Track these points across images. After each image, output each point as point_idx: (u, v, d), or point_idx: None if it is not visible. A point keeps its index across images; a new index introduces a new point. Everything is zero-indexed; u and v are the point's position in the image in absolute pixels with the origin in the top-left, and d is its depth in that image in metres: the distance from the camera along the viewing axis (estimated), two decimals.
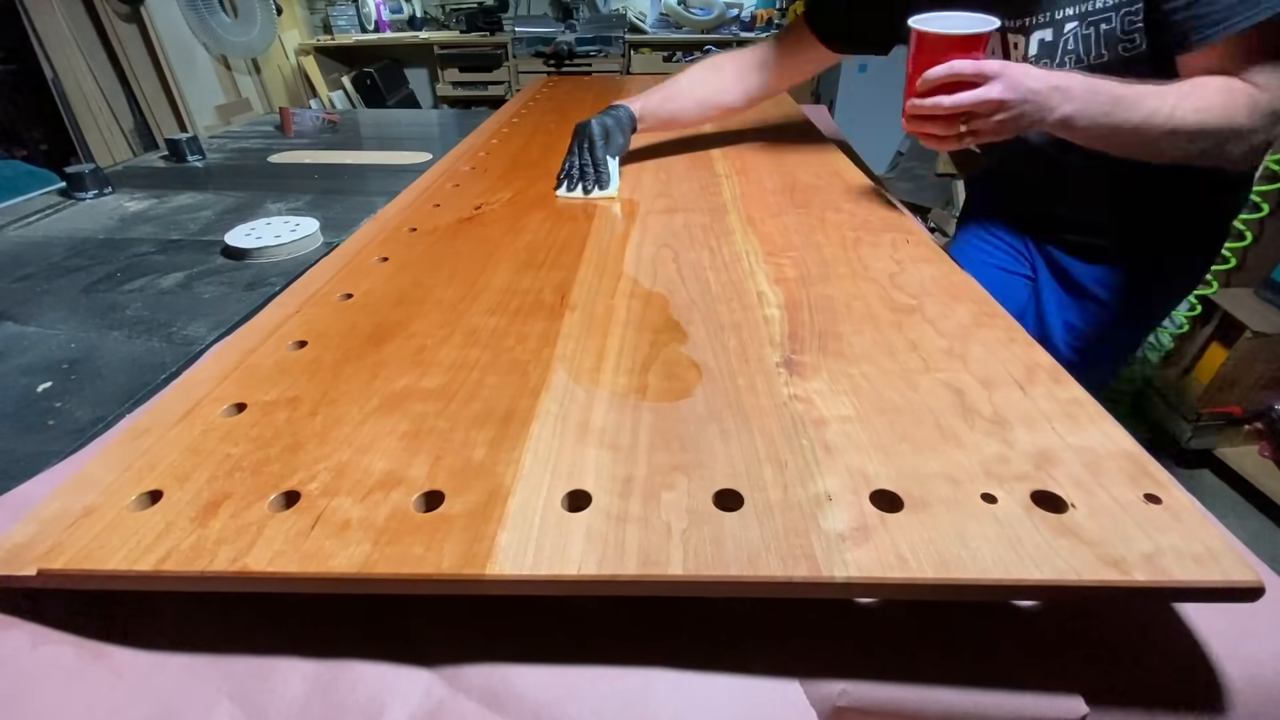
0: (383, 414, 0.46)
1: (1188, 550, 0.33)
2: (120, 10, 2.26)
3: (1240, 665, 0.36)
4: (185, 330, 0.69)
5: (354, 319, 0.59)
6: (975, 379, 0.48)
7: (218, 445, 0.43)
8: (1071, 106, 0.62)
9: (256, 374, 0.51)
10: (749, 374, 0.49)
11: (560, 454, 0.41)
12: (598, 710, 0.34)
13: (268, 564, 0.34)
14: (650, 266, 0.67)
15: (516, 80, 3.26)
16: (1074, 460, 0.39)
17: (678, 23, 3.31)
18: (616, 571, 0.33)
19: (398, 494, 0.38)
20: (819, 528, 0.35)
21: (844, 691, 0.35)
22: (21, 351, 0.65)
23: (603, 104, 0.98)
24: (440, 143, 1.46)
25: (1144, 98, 0.62)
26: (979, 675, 0.36)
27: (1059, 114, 0.63)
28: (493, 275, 0.66)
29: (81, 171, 1.07)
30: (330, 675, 0.36)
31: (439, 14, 3.52)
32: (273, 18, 2.81)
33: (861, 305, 0.58)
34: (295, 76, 3.16)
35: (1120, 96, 0.62)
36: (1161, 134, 0.62)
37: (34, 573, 0.35)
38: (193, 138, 1.33)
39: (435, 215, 0.82)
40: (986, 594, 0.33)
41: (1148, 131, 0.62)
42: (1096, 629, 0.38)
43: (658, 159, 1.04)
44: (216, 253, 0.87)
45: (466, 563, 0.34)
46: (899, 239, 0.72)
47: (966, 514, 0.36)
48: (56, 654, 0.37)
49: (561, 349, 0.53)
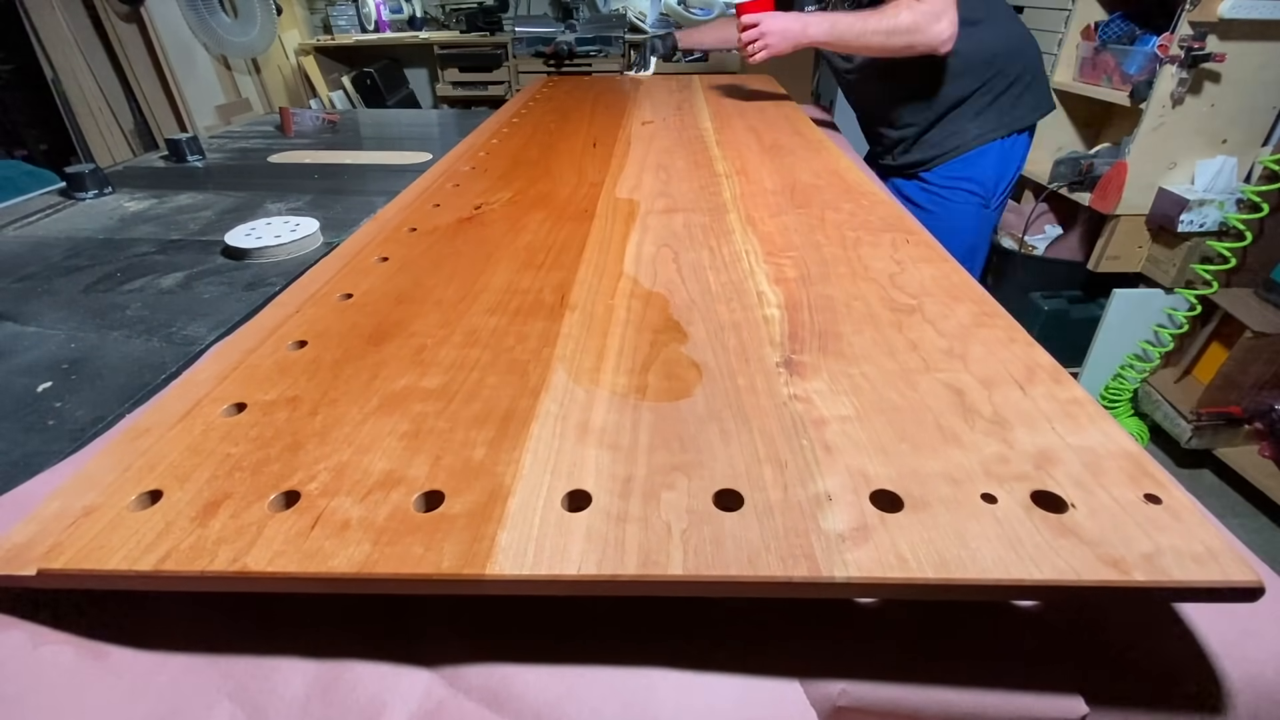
0: (383, 414, 0.46)
1: (1187, 550, 0.33)
2: (120, 10, 2.26)
3: (1240, 665, 0.36)
4: (185, 330, 0.69)
5: (354, 319, 0.59)
6: (975, 379, 0.48)
7: (218, 445, 0.43)
8: (812, 30, 1.20)
9: (256, 374, 0.51)
10: (749, 374, 0.49)
11: (560, 454, 0.41)
12: (598, 710, 0.34)
13: (268, 564, 0.34)
14: (650, 266, 0.67)
15: (516, 80, 3.25)
16: (1074, 460, 0.39)
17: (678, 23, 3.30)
18: (616, 571, 0.33)
19: (398, 494, 0.38)
20: (819, 528, 0.35)
21: (844, 691, 0.35)
22: (21, 351, 0.65)
23: (603, 104, 1.27)
24: (440, 143, 1.46)
25: (854, 18, 1.17)
26: (979, 675, 0.36)
27: (807, 35, 1.21)
28: (493, 275, 0.66)
29: (81, 171, 1.07)
30: (330, 675, 0.36)
31: (439, 14, 3.52)
32: (273, 18, 2.81)
33: (861, 305, 0.58)
34: (295, 76, 3.16)
35: (838, 19, 1.19)
36: (864, 34, 1.16)
37: (34, 573, 0.35)
38: (193, 138, 1.33)
39: (435, 215, 0.82)
40: (986, 594, 0.33)
41: (855, 33, 1.17)
42: (1096, 629, 0.38)
43: (658, 159, 1.04)
44: (216, 253, 0.87)
45: (466, 563, 0.34)
46: (899, 239, 0.72)
47: (966, 514, 0.36)
48: (56, 654, 0.37)
49: (561, 349, 0.53)
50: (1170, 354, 1.81)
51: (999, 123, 1.32)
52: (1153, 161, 1.72)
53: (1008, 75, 1.29)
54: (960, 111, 1.32)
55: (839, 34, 1.18)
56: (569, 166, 1.02)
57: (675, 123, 1.29)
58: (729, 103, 1.47)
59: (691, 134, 1.20)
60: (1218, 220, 1.67)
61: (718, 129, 1.23)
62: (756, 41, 1.23)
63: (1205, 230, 1.69)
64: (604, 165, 1.02)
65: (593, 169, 1.00)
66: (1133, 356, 1.88)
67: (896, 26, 1.12)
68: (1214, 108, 1.65)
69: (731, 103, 1.47)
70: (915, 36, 1.13)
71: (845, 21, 1.17)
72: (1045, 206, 2.13)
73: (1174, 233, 1.72)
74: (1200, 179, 1.71)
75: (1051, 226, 2.19)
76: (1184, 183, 1.75)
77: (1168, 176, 1.75)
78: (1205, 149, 1.71)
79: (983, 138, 1.33)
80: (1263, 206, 1.54)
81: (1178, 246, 1.75)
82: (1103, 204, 1.81)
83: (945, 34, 1.13)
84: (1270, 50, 1.58)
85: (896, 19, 1.12)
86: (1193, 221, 1.68)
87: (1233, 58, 1.57)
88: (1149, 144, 1.70)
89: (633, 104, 1.48)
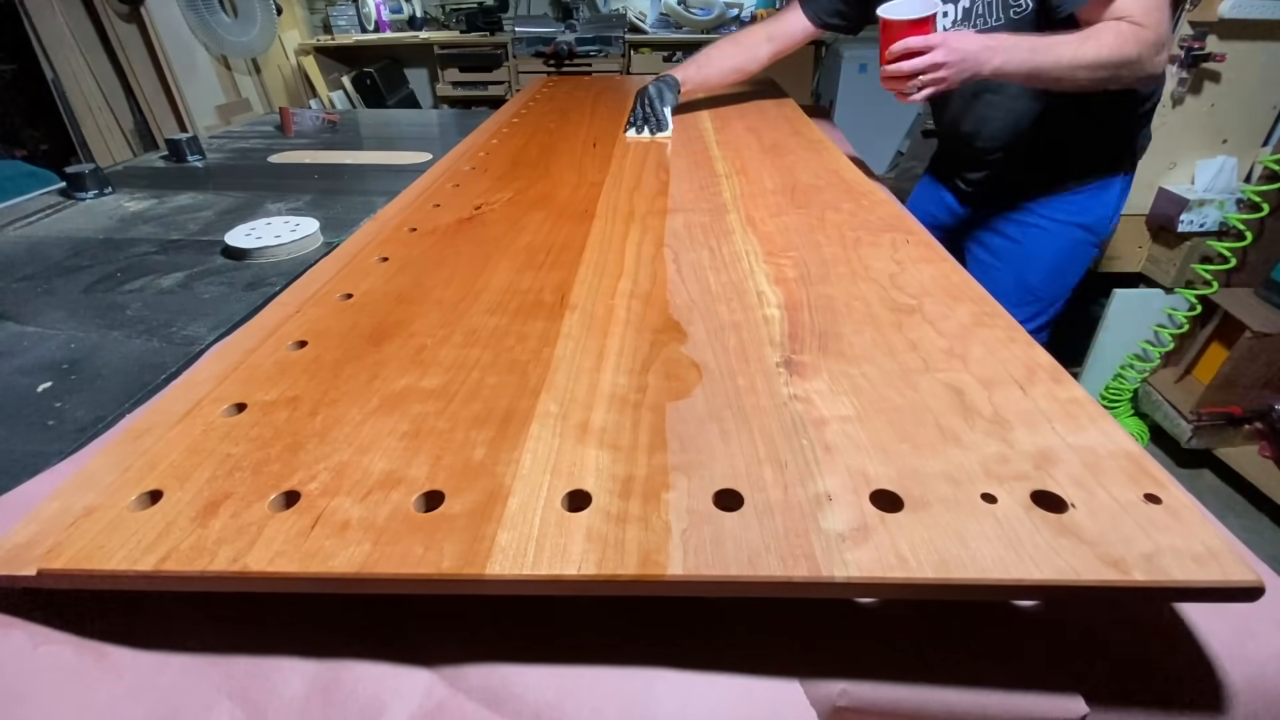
0: (383, 414, 0.46)
1: (1187, 550, 0.33)
2: (120, 10, 2.26)
3: (1240, 666, 0.36)
4: (185, 330, 0.69)
5: (354, 319, 0.59)
6: (975, 379, 0.48)
7: (218, 445, 0.43)
8: (1000, 58, 0.86)
9: (256, 374, 0.51)
10: (749, 374, 0.49)
11: (560, 454, 0.41)
12: (598, 710, 0.34)
13: (268, 564, 0.34)
14: (650, 266, 0.67)
15: (516, 80, 3.25)
16: (1074, 460, 0.39)
17: (678, 23, 3.30)
18: (616, 571, 0.33)
19: (398, 494, 0.38)
20: (819, 528, 0.35)
21: (844, 691, 0.35)
22: (21, 351, 0.65)
23: (603, 104, 1.18)
24: (440, 143, 1.46)
25: (1055, 44, 0.85)
26: (979, 675, 0.36)
27: (992, 65, 0.87)
28: (493, 275, 0.66)
29: (81, 171, 1.07)
30: (330, 675, 0.36)
31: (439, 14, 3.52)
32: (273, 18, 2.81)
33: (861, 305, 0.58)
34: (295, 76, 3.16)
35: (1036, 45, 0.86)
36: (1072, 68, 0.85)
37: (34, 573, 0.35)
38: (193, 138, 1.33)
39: (435, 215, 0.82)
40: (986, 594, 0.33)
41: (1061, 68, 0.86)
42: (1097, 629, 0.38)
43: (658, 159, 1.04)
44: (216, 253, 0.87)
45: (466, 563, 0.34)
46: (899, 239, 0.72)
47: (966, 514, 0.36)
48: (56, 654, 0.37)
49: (561, 349, 0.53)
50: (1170, 354, 1.80)
51: (1128, 152, 1.10)
52: (1153, 161, 1.72)
53: (1153, 101, 1.05)
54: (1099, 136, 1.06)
55: (1038, 67, 0.86)
56: (569, 166, 1.02)
57: (676, 123, 1.28)
58: (729, 103, 1.47)
59: (691, 134, 1.20)
60: (1218, 220, 1.67)
61: (718, 129, 1.23)
62: (930, 73, 0.87)
63: (1205, 230, 1.69)
64: (604, 165, 1.02)
65: (593, 169, 1.00)
66: (1133, 356, 1.88)
67: (1112, 59, 0.84)
68: (1214, 108, 1.65)
69: (732, 103, 1.47)
70: (1133, 70, 0.86)
71: (1048, 52, 0.85)
72: None
73: (1174, 233, 1.72)
74: (1200, 179, 1.71)
75: None
76: (1184, 183, 1.75)
77: (1168, 176, 1.75)
78: (1205, 149, 1.71)
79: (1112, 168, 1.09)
80: (1263, 206, 1.54)
81: (1178, 246, 1.75)
82: None
83: (1162, 67, 0.88)
84: (1270, 50, 1.58)
85: (1118, 50, 0.83)
86: (1193, 221, 1.68)
87: (1233, 58, 1.57)
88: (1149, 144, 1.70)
89: None
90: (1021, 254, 1.15)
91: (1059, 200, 1.11)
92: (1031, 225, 1.14)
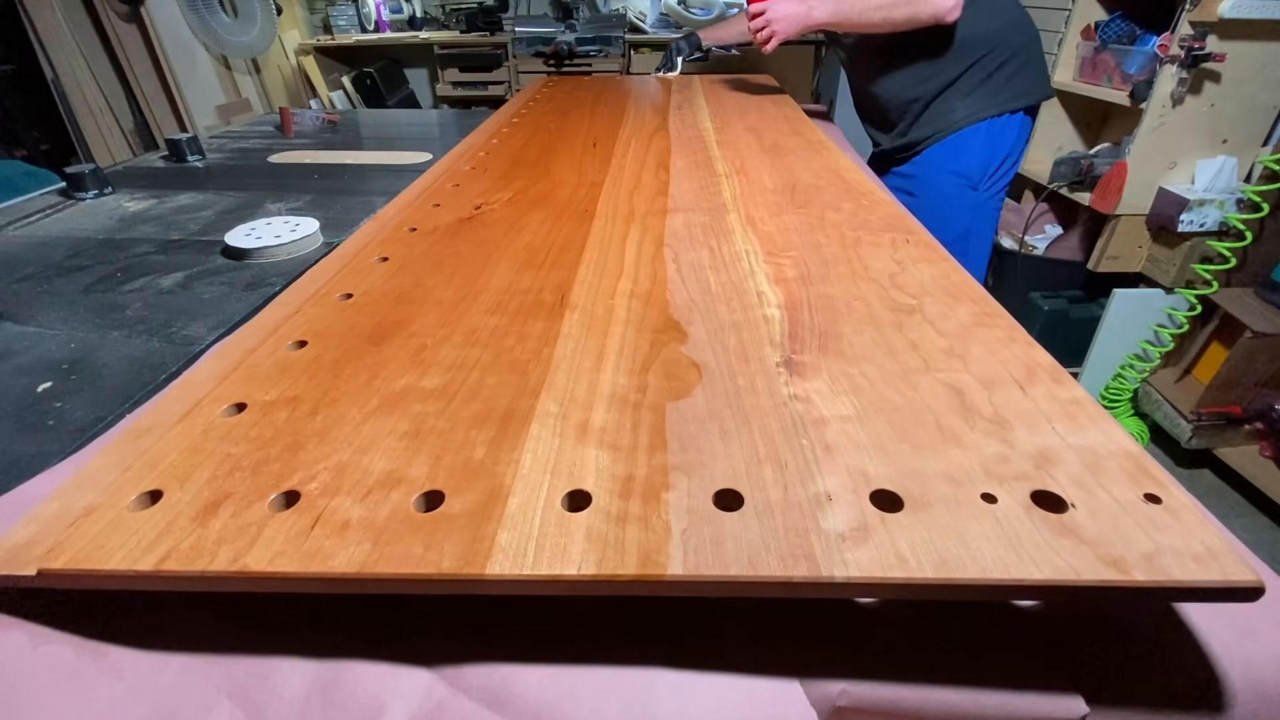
0: (383, 414, 0.46)
1: (1187, 550, 0.33)
2: (120, 10, 2.26)
3: (1240, 666, 0.36)
4: (185, 330, 0.69)
5: (354, 319, 0.59)
6: (975, 379, 0.48)
7: (218, 445, 0.43)
8: (817, 12, 1.23)
9: (256, 374, 0.51)
10: (749, 374, 0.49)
11: (560, 454, 0.41)
12: (598, 710, 0.34)
13: (268, 564, 0.34)
14: (650, 266, 0.67)
15: (516, 80, 3.25)
16: (1074, 460, 0.39)
17: (678, 23, 3.30)
18: (616, 571, 0.33)
19: (398, 494, 0.38)
20: (819, 528, 0.35)
21: (844, 691, 0.35)
22: (21, 351, 0.65)
23: (603, 104, 1.33)
24: (440, 143, 1.46)
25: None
26: (979, 675, 0.36)
27: (811, 18, 1.24)
28: (493, 275, 0.66)
29: (81, 171, 1.07)
30: (330, 675, 0.36)
31: (439, 14, 3.51)
32: (273, 18, 2.81)
33: (861, 305, 0.58)
34: (295, 76, 3.16)
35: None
36: (871, 10, 1.18)
37: (34, 573, 0.35)
38: (193, 138, 1.33)
39: (435, 215, 0.82)
40: (986, 594, 0.33)
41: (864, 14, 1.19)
42: (1096, 629, 0.38)
43: (658, 159, 1.04)
44: (216, 253, 0.87)
45: (466, 563, 0.34)
46: (899, 239, 0.72)
47: (966, 514, 0.36)
48: (56, 654, 0.37)
49: (561, 349, 0.53)
50: (1170, 354, 1.81)
51: (988, 103, 1.31)
52: (1153, 161, 1.72)
53: (999, 55, 1.28)
54: (950, 92, 1.32)
55: (843, 13, 1.21)
56: (569, 166, 1.02)
57: (676, 123, 1.29)
58: (729, 103, 1.47)
59: (691, 134, 1.20)
60: (1218, 220, 1.67)
61: (718, 129, 1.23)
62: (764, 30, 1.27)
63: (1205, 230, 1.69)
64: (604, 165, 1.02)
65: (593, 169, 1.00)
66: (1133, 356, 1.88)
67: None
68: (1214, 108, 1.65)
69: (732, 103, 1.47)
70: (918, 6, 1.15)
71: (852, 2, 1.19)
72: (1045, 206, 2.13)
73: (1174, 232, 1.72)
74: (1200, 179, 1.71)
75: (1051, 226, 2.19)
76: (1184, 182, 1.75)
77: (1168, 176, 1.75)
78: (1205, 149, 1.71)
79: (970, 118, 1.32)
80: (1263, 206, 1.54)
81: (1178, 246, 1.75)
82: (1103, 204, 1.81)
83: (949, 2, 1.15)
84: (1270, 50, 1.58)
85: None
86: (1193, 221, 1.68)
87: (1233, 58, 1.57)
88: (1149, 144, 1.70)
89: (633, 104, 1.48)
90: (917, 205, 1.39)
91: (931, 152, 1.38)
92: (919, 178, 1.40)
